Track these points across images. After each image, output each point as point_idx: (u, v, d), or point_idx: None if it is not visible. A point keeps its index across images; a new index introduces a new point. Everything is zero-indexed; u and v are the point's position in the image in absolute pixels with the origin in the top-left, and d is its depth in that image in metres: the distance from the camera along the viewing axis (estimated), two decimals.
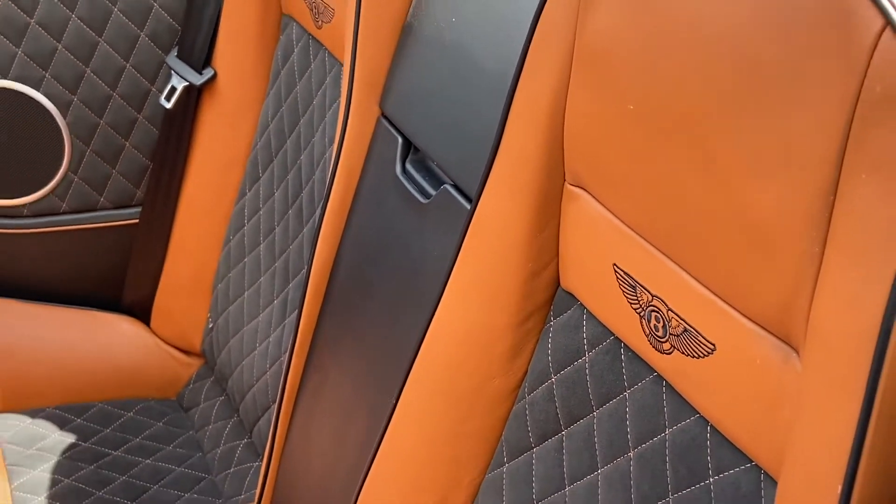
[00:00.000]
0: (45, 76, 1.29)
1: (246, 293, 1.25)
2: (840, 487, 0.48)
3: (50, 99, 1.29)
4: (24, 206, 1.33)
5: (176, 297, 1.33)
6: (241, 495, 1.15)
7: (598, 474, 0.68)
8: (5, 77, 1.28)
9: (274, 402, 1.11)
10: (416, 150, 0.93)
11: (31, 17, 1.26)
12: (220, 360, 1.27)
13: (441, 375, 0.78)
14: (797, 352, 0.54)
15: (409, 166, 0.93)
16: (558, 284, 0.73)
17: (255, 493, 1.06)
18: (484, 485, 0.78)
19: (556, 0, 0.68)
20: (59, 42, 1.28)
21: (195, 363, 1.34)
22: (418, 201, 0.90)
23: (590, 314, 0.70)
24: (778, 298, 0.54)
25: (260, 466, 1.08)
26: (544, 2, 0.69)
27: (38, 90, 1.29)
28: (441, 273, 0.78)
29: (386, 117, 0.97)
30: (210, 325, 1.31)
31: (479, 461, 0.78)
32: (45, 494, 1.14)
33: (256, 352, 1.20)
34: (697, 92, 0.58)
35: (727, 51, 0.56)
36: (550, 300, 0.74)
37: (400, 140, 0.94)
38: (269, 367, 1.17)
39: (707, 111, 0.57)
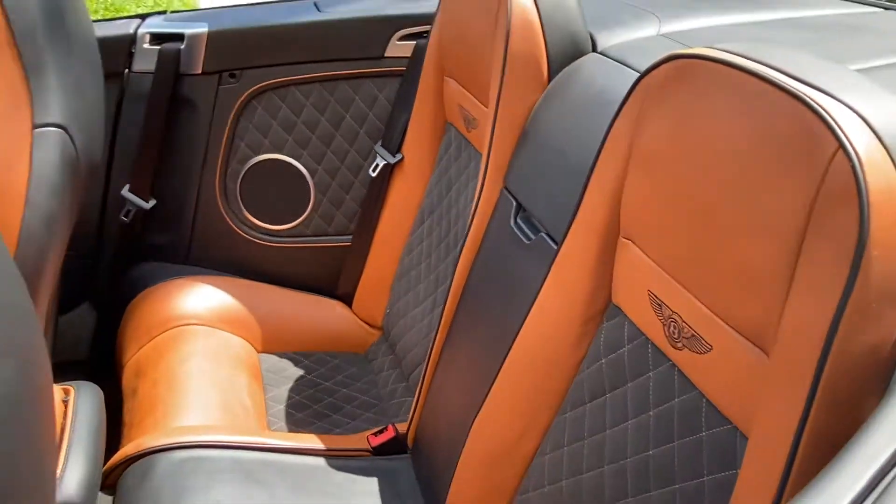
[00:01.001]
0: (303, 153, 1.34)
1: (410, 293, 1.25)
2: (791, 440, 0.46)
3: (304, 167, 1.34)
4: (283, 230, 1.38)
5: (369, 292, 1.35)
6: (398, 417, 1.16)
7: (628, 424, 0.67)
8: (280, 152, 1.34)
9: (423, 361, 1.12)
10: (525, 210, 0.93)
11: (298, 118, 1.33)
12: (392, 333, 1.28)
13: (530, 353, 0.78)
14: (767, 353, 0.53)
15: (518, 220, 0.93)
16: (610, 300, 0.73)
17: (409, 416, 1.07)
18: (553, 424, 0.78)
19: (622, 121, 0.69)
20: (312, 134, 1.33)
21: (377, 333, 1.35)
22: (523, 242, 0.90)
23: (630, 321, 0.70)
24: (756, 318, 0.53)
25: (412, 401, 1.09)
26: (614, 121, 0.70)
27: (298, 161, 1.34)
28: (535, 289, 0.77)
29: (507, 189, 0.97)
30: (388, 311, 1.32)
31: (551, 409, 0.77)
32: (285, 404, 1.17)
33: (414, 329, 1.21)
34: (711, 182, 0.57)
35: (732, 156, 0.55)
36: (604, 310, 0.73)
37: (514, 203, 0.94)
38: (422, 340, 1.17)
39: (716, 195, 0.56)
